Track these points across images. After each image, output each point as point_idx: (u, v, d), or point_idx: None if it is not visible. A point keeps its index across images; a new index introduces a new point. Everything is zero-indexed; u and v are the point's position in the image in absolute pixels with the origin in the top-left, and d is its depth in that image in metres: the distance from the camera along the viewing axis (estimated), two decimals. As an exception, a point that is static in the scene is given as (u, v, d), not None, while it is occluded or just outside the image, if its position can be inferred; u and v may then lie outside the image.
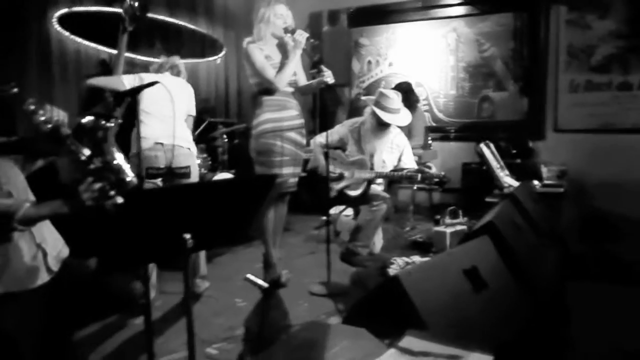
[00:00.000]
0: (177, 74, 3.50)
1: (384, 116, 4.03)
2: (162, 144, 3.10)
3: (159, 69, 3.47)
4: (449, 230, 4.27)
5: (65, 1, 4.65)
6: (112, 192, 1.95)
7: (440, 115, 6.53)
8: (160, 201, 1.56)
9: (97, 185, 1.92)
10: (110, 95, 2.02)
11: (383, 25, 6.84)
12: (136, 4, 3.05)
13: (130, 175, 2.04)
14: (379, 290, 2.04)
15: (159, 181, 3.04)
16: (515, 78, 6.18)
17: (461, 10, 6.41)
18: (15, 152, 2.18)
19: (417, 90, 6.60)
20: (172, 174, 3.01)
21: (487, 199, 4.65)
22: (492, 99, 6.32)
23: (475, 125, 6.37)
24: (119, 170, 2.04)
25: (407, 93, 5.12)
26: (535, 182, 4.80)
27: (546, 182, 4.96)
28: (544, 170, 5.11)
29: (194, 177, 3.22)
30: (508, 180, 4.54)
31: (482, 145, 4.72)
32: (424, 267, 2.23)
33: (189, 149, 3.24)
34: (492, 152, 4.70)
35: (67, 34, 4.66)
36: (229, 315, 3.05)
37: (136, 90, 2.04)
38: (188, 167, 3.10)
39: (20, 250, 2.11)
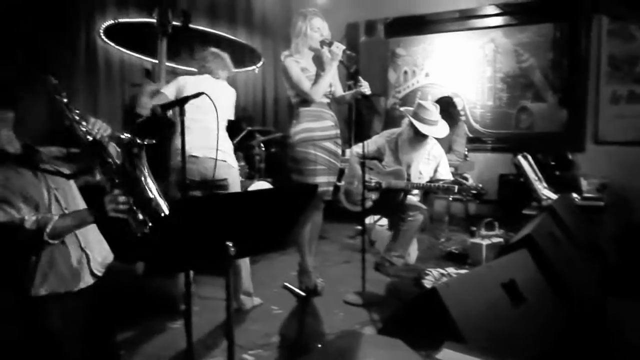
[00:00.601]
0: (223, 67, 3.42)
1: (422, 128, 4.04)
2: (196, 156, 3.08)
3: (201, 68, 3.39)
4: (485, 242, 4.22)
5: (111, 12, 4.82)
6: (138, 211, 1.98)
7: (477, 126, 6.48)
8: (204, 209, 1.62)
9: (123, 199, 1.96)
10: (158, 107, 2.08)
11: (420, 36, 6.84)
12: (169, 12, 3.15)
13: (155, 196, 2.06)
14: (417, 302, 2.06)
15: (196, 193, 3.05)
16: (555, 89, 6.09)
17: (500, 20, 6.37)
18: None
19: (455, 101, 6.60)
20: (209, 186, 3.01)
21: (525, 212, 4.59)
22: (531, 110, 6.24)
23: (512, 137, 6.30)
24: (145, 189, 2.04)
25: (449, 107, 5.13)
26: (575, 195, 4.71)
27: (586, 195, 4.86)
28: (584, 183, 5.02)
29: (234, 188, 3.20)
30: (546, 193, 4.47)
31: (520, 157, 4.66)
32: (462, 279, 2.23)
33: (224, 160, 3.17)
34: (530, 164, 4.64)
35: (112, 44, 4.82)
36: (265, 322, 3.09)
37: (182, 101, 2.11)
38: (225, 179, 3.11)
39: (66, 253, 2.20)
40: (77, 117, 2.04)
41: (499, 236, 4.39)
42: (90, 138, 2.02)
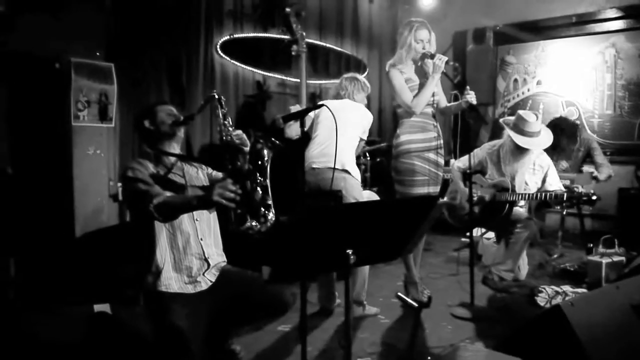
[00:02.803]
0: (359, 90, 3.57)
1: (519, 139, 3.88)
2: (314, 168, 3.23)
3: (338, 95, 3.59)
4: (604, 260, 3.94)
5: (227, 28, 5.10)
6: (244, 205, 2.17)
7: (594, 137, 6.07)
8: (327, 218, 1.67)
9: (232, 187, 2.09)
10: (280, 119, 2.19)
11: (532, 43, 6.57)
12: (299, 28, 3.28)
13: (266, 198, 2.25)
14: (538, 319, 1.97)
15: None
16: (684, 96, 5.59)
17: (621, 24, 5.94)
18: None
19: (569, 110, 6.27)
20: (323, 196, 3.10)
21: (649, 229, 4.26)
22: (657, 120, 5.77)
23: (635, 148, 5.84)
24: (256, 190, 2.25)
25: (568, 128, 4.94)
26: None
27: None
28: None
29: (351, 197, 3.22)
30: (675, 209, 4.11)
31: (644, 170, 4.33)
32: (587, 299, 2.11)
33: (344, 170, 3.26)
34: (655, 178, 4.29)
35: (227, 58, 5.10)
36: (373, 331, 3.11)
37: (302, 113, 2.20)
38: (339, 190, 3.17)
39: (191, 260, 2.37)
40: (228, 126, 2.32)
41: (620, 254, 4.09)
42: (238, 141, 2.29)
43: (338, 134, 2.42)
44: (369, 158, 5.21)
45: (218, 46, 5.03)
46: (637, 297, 2.05)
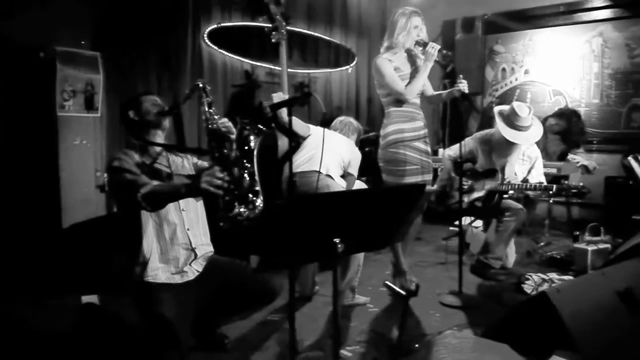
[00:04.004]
0: (353, 132, 3.87)
1: (507, 133, 3.90)
2: (299, 171, 3.34)
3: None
4: (590, 248, 3.99)
5: (216, 17, 5.05)
6: (231, 192, 2.19)
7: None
8: (315, 207, 1.67)
9: (220, 175, 2.11)
10: (267, 107, 2.18)
11: (520, 32, 6.58)
12: (279, 16, 3.26)
13: (256, 188, 2.27)
14: (523, 306, 1.99)
15: None
16: (673, 85, 5.63)
17: (609, 13, 5.96)
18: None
19: (556, 99, 6.30)
20: None
21: (635, 217, 4.31)
22: (643, 108, 5.81)
23: (621, 137, 5.88)
24: (244, 175, 2.26)
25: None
26: (694, 201, 4.35)
27: None
28: None
29: None
30: (660, 198, 4.16)
31: (631, 158, 4.37)
32: (573, 285, 2.14)
33: (328, 175, 3.40)
34: (641, 166, 4.33)
35: (215, 47, 5.06)
36: (361, 319, 3.12)
37: (290, 102, 2.18)
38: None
39: (178, 250, 2.37)
40: (213, 114, 2.31)
41: (606, 242, 4.13)
42: (225, 129, 2.29)
43: (326, 149, 2.44)
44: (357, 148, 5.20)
45: (206, 35, 4.98)
46: (622, 284, 2.07)
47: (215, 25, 5.05)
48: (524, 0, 6.38)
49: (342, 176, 3.58)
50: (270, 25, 3.31)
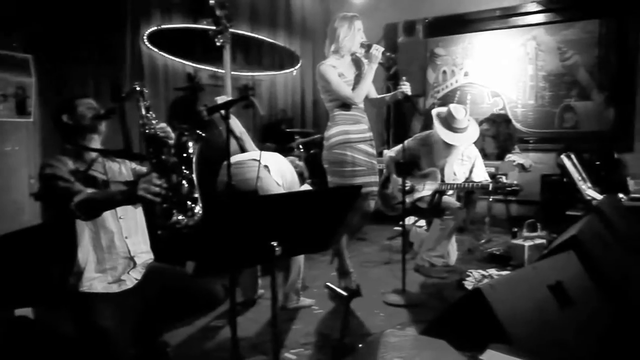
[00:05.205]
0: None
1: (445, 135, 4.01)
2: (235, 162, 3.15)
3: None
4: (527, 243, 4.15)
5: (155, 19, 4.95)
6: (169, 199, 2.15)
7: (518, 126, 6.35)
8: (250, 210, 1.65)
9: (157, 182, 2.05)
10: (204, 110, 2.15)
11: (460, 35, 6.77)
12: (226, 20, 3.22)
13: (195, 195, 2.22)
14: (460, 303, 2.04)
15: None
16: (601, 87, 5.93)
17: (542, 17, 6.23)
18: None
19: (494, 100, 6.51)
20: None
21: (569, 213, 4.49)
22: (575, 109, 6.09)
23: (556, 136, 6.16)
24: (182, 183, 2.21)
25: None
26: (621, 196, 4.58)
27: (633, 195, 4.72)
28: (631, 183, 4.88)
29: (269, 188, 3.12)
30: (591, 193, 4.36)
31: (564, 157, 4.57)
32: (506, 280, 2.20)
33: (265, 166, 3.18)
34: (573, 164, 4.53)
35: (156, 50, 4.95)
36: (306, 321, 3.12)
37: (227, 105, 2.16)
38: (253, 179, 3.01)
39: (116, 259, 2.30)
40: (151, 119, 2.26)
41: (542, 237, 4.31)
42: (163, 134, 2.24)
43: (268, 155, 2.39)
44: (302, 150, 5.21)
45: (145, 37, 4.87)
46: (552, 277, 2.15)
47: (156, 27, 4.95)
48: (463, 5, 6.57)
49: None
50: (215, 28, 3.26)
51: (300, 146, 5.23)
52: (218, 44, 3.25)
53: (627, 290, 2.49)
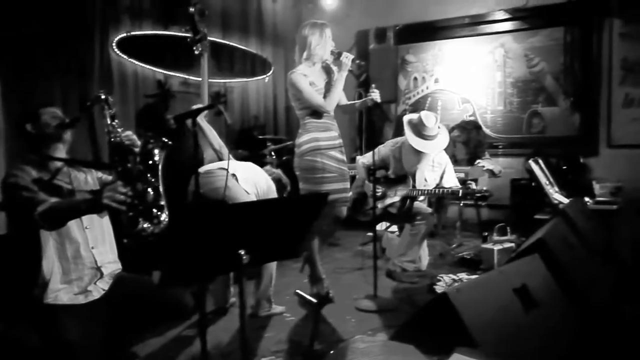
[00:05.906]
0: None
1: (415, 143, 4.06)
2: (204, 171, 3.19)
3: None
4: (496, 247, 4.22)
5: (124, 25, 4.89)
6: (135, 207, 2.15)
7: (488, 131, 6.45)
8: (216, 218, 1.65)
9: (122, 190, 2.04)
10: (172, 119, 2.14)
11: (430, 42, 6.87)
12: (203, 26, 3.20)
13: (161, 202, 2.22)
14: (427, 308, 2.07)
15: None
16: (567, 93, 6.07)
17: (509, 25, 6.36)
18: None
19: (464, 106, 6.61)
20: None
21: (537, 217, 4.58)
22: (542, 115, 6.23)
23: (524, 141, 6.28)
24: (147, 191, 2.21)
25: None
26: (587, 199, 4.69)
27: (599, 199, 4.84)
28: (597, 186, 5.00)
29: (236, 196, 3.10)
30: (558, 197, 4.46)
31: (531, 162, 4.67)
32: (473, 284, 2.24)
33: (233, 175, 3.16)
34: (541, 168, 4.63)
35: (125, 57, 4.90)
36: (278, 329, 3.11)
37: (195, 113, 2.15)
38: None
39: (82, 270, 2.26)
40: (116, 127, 2.26)
41: (511, 241, 4.39)
42: (129, 143, 2.24)
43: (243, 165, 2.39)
44: (275, 157, 5.21)
45: (114, 44, 4.82)
46: (517, 280, 2.19)
47: (125, 34, 4.90)
48: (433, 12, 6.67)
49: None
50: (192, 36, 3.22)
51: (273, 153, 5.22)
52: (197, 52, 3.21)
53: (590, 293, 2.55)
